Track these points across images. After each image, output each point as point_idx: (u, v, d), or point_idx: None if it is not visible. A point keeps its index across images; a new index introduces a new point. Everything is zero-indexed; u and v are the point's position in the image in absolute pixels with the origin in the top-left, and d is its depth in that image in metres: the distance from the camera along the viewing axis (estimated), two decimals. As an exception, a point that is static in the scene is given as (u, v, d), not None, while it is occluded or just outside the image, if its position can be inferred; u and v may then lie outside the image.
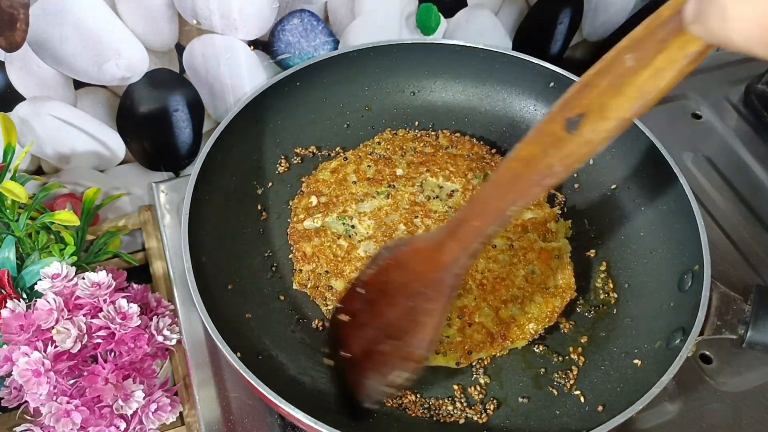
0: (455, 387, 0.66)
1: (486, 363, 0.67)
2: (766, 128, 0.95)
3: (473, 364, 0.67)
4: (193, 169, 0.70)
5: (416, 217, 0.72)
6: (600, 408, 0.64)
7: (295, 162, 0.80)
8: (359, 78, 0.83)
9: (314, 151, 0.81)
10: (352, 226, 0.72)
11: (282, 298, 0.71)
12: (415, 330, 0.56)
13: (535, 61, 0.81)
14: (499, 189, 0.51)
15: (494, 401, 0.65)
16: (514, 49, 0.88)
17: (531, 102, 0.84)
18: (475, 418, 0.64)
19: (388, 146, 0.79)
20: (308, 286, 0.70)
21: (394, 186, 0.75)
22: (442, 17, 0.85)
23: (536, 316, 0.67)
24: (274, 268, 0.73)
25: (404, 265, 0.58)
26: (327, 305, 0.69)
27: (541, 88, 0.83)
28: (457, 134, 0.82)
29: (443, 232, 0.55)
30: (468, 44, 0.82)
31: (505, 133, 0.84)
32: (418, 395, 0.65)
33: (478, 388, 0.66)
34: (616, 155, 0.79)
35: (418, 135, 0.81)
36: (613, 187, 0.78)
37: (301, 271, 0.71)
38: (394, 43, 0.82)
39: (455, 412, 0.64)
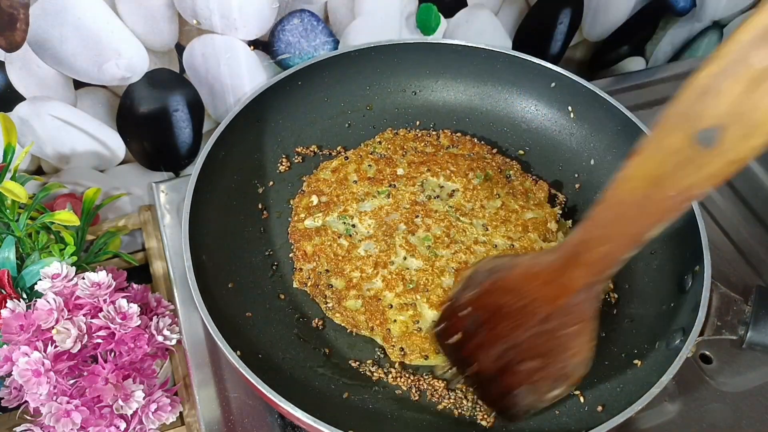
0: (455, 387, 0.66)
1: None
2: (766, 128, 0.95)
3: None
4: (194, 168, 0.70)
5: (417, 216, 0.72)
6: (599, 408, 0.64)
7: (296, 161, 0.80)
8: (360, 77, 0.83)
9: (315, 150, 0.81)
10: (353, 226, 0.72)
11: (282, 297, 0.71)
12: (565, 350, 0.55)
13: (537, 62, 0.81)
14: (625, 211, 0.47)
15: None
16: (514, 49, 0.88)
17: (532, 102, 0.84)
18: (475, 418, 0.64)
19: (389, 146, 0.79)
20: (308, 285, 0.70)
21: (394, 185, 0.75)
22: (442, 17, 0.85)
23: None
24: (274, 267, 0.73)
25: (515, 290, 0.57)
26: (327, 303, 0.69)
27: (543, 89, 0.83)
28: (458, 134, 0.82)
29: (559, 256, 0.53)
30: (469, 44, 0.82)
31: (506, 133, 0.84)
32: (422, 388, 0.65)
33: (478, 388, 0.66)
34: (617, 155, 0.79)
35: (419, 134, 0.81)
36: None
37: (301, 269, 0.71)
38: (395, 43, 0.82)
39: (455, 411, 0.64)
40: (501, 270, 0.58)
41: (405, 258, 0.69)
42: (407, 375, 0.66)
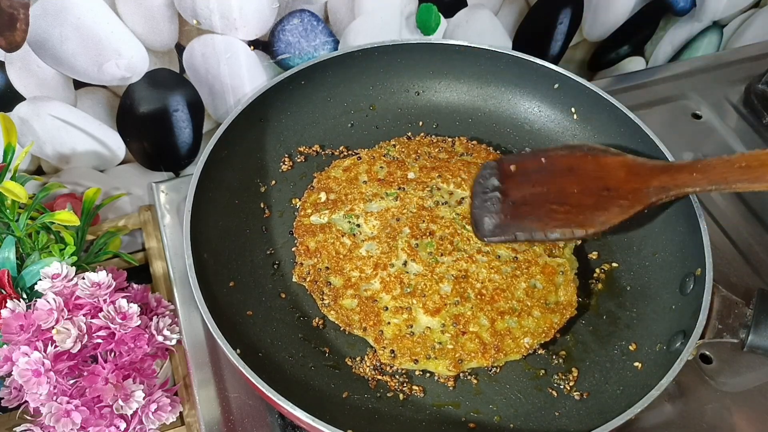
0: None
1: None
2: (766, 128, 0.95)
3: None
4: (196, 166, 0.70)
5: (423, 221, 0.72)
6: (599, 410, 0.64)
7: (299, 161, 0.80)
8: (364, 77, 0.83)
9: (318, 150, 0.81)
10: (358, 225, 0.72)
11: (283, 296, 0.71)
12: (600, 210, 0.68)
13: (540, 63, 0.81)
14: (731, 166, 0.63)
15: (494, 402, 0.65)
16: (514, 49, 0.88)
17: (535, 103, 0.84)
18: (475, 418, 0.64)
19: (403, 149, 0.79)
20: (307, 280, 0.70)
21: (403, 189, 0.74)
22: (442, 17, 0.85)
23: (532, 331, 0.66)
24: (275, 266, 0.73)
25: (603, 166, 0.71)
26: (323, 300, 0.69)
27: (546, 89, 0.83)
28: (474, 142, 0.81)
29: (656, 165, 0.69)
30: (472, 45, 0.82)
31: (509, 134, 0.84)
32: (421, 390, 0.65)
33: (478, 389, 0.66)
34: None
35: (435, 140, 0.81)
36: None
37: (302, 264, 0.71)
38: (398, 43, 0.82)
39: (454, 411, 0.64)
40: (605, 151, 0.72)
41: (405, 262, 0.69)
42: (407, 375, 0.66)
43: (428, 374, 0.66)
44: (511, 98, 0.85)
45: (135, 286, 0.72)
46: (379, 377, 0.66)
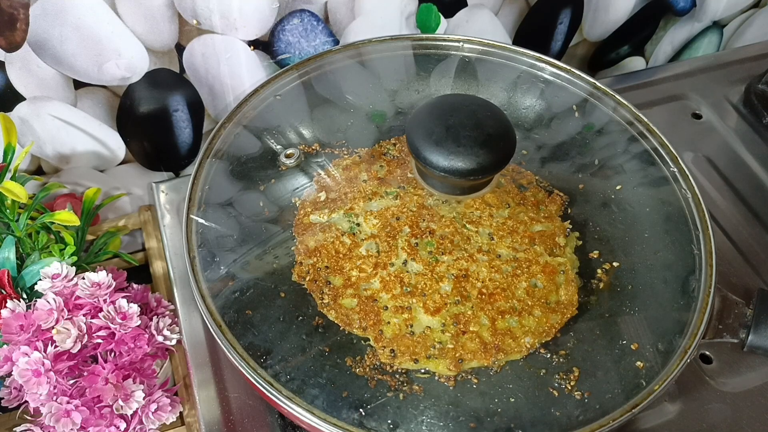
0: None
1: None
2: (766, 128, 0.95)
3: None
4: (194, 165, 0.70)
5: (423, 220, 0.72)
6: (600, 410, 0.64)
7: (299, 159, 0.80)
8: (363, 75, 0.83)
9: (317, 148, 0.81)
10: (357, 224, 0.72)
11: (282, 295, 0.71)
12: None
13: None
14: None
15: (494, 402, 0.65)
16: (514, 49, 0.88)
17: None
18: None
19: (403, 148, 0.79)
20: (306, 279, 0.70)
21: (404, 187, 0.74)
22: (442, 17, 0.85)
23: (533, 330, 0.66)
24: (275, 265, 0.73)
25: None
26: (323, 299, 0.69)
27: (547, 87, 0.83)
28: None
29: None
30: (473, 38, 0.82)
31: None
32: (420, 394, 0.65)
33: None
34: (621, 156, 0.79)
35: None
36: (618, 187, 0.78)
37: (301, 263, 0.71)
38: (398, 39, 0.82)
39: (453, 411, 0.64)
40: None
41: (405, 261, 0.69)
42: (407, 375, 0.66)
43: (428, 374, 0.66)
44: (512, 95, 0.85)
45: (135, 286, 0.73)
46: (379, 377, 0.66)
